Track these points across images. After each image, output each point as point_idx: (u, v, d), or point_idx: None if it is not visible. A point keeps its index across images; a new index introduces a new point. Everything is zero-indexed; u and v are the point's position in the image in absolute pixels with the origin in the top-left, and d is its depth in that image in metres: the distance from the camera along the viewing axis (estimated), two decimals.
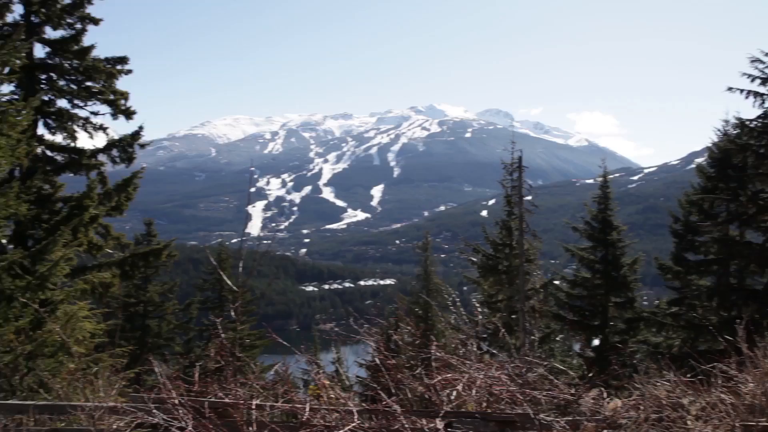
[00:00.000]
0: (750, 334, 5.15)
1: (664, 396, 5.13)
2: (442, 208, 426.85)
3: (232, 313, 7.84)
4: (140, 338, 28.11)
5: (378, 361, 6.31)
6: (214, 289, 33.05)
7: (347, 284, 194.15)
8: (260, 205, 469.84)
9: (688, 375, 5.70)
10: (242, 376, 6.19)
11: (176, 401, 5.30)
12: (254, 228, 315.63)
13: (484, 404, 5.40)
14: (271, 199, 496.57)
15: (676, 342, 22.50)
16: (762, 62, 21.11)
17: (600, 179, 25.10)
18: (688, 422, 4.77)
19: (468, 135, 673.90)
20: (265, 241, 9.09)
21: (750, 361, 4.97)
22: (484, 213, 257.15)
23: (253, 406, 5.27)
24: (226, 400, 5.52)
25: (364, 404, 5.71)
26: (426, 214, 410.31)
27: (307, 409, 5.19)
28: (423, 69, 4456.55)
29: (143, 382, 11.10)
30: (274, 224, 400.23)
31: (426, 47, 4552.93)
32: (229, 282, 8.10)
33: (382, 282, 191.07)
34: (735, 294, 21.41)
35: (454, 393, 5.41)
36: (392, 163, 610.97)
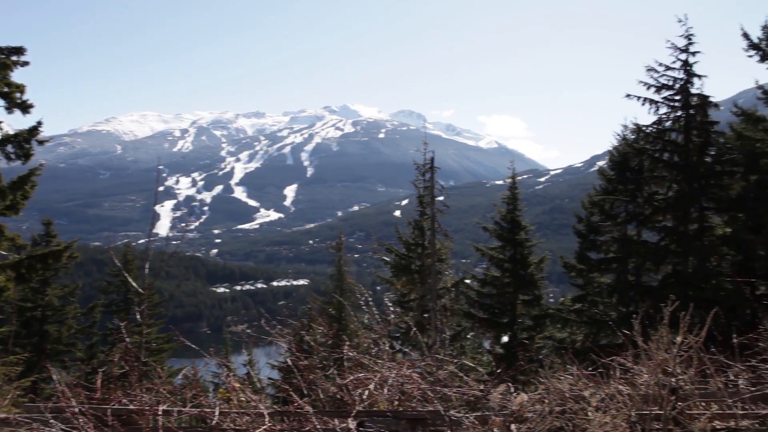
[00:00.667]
0: (645, 329, 5.43)
1: (567, 389, 5.34)
2: (356, 208, 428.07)
3: (138, 316, 7.57)
4: (37, 344, 26.63)
5: (290, 363, 6.25)
6: (120, 292, 31.77)
7: (260, 285, 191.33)
8: (169, 204, 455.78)
9: (590, 368, 5.96)
10: (148, 382, 5.97)
11: (76, 410, 5.05)
12: (162, 228, 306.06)
13: (396, 403, 5.44)
14: (181, 198, 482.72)
15: (579, 337, 23.50)
16: (656, 71, 22.39)
17: (509, 180, 25.84)
18: (589, 413, 4.98)
19: (381, 135, 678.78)
20: (173, 242, 8.80)
21: (645, 354, 5.24)
22: (397, 213, 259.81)
23: (160, 412, 5.09)
24: (131, 407, 5.31)
25: (275, 406, 5.64)
26: (339, 214, 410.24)
27: (217, 413, 5.07)
28: (337, 69, 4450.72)
29: (40, 391, 10.52)
30: (183, 224, 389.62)
31: (340, 47, 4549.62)
32: (134, 284, 7.82)
33: (295, 282, 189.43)
34: (633, 290, 22.56)
35: (366, 392, 5.43)
36: (306, 163, 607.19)
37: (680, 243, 22.14)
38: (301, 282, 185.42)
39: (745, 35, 22.28)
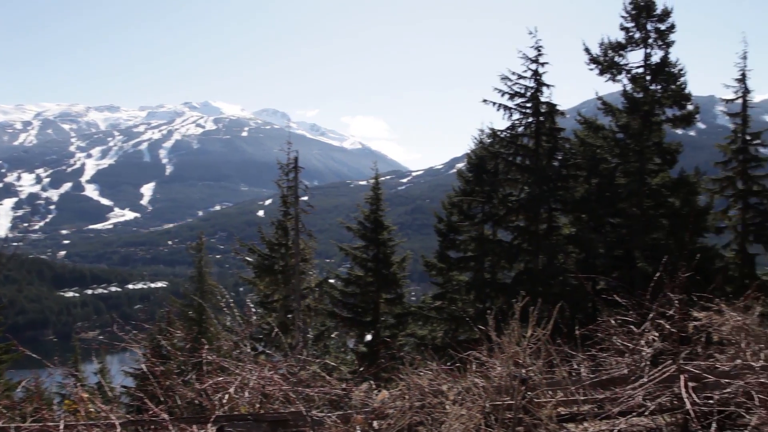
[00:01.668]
0: (499, 323, 5.70)
1: (427, 384, 5.49)
2: (218, 207, 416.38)
3: None
4: None
5: (146, 369, 5.96)
6: None
7: (114, 288, 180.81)
8: (9, 202, 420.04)
9: (448, 363, 6.17)
10: None
11: None
12: (1, 228, 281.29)
13: (258, 405, 5.35)
14: (23, 196, 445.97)
15: (440, 333, 24.31)
16: (510, 80, 23.70)
17: (372, 181, 26.23)
18: (447, 407, 5.15)
19: (245, 134, 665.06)
20: (14, 243, 8.10)
21: (498, 347, 5.50)
22: (261, 213, 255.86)
23: None
24: None
25: (129, 416, 5.35)
26: (200, 213, 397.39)
27: (62, 426, 4.73)
28: (198, 64, 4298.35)
29: None
30: (26, 224, 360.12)
31: (202, 42, 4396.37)
32: None
33: (152, 285, 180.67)
34: (488, 287, 23.71)
35: (227, 396, 5.29)
36: (164, 161, 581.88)
37: (531, 242, 23.57)
38: (159, 284, 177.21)
39: (587, 50, 24.14)
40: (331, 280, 26.72)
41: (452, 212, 24.73)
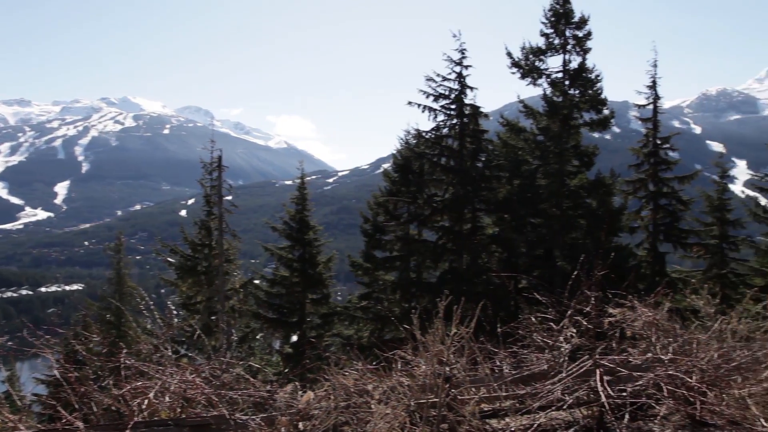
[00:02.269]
0: (424, 322, 5.76)
1: (352, 384, 5.50)
2: (138, 207, 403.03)
3: None
4: None
5: (59, 375, 5.70)
6: None
7: (24, 291, 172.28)
8: None
9: (374, 363, 6.20)
10: None
11: None
12: None
13: (179, 410, 5.21)
14: None
15: (366, 333, 24.38)
16: (435, 81, 24.03)
17: (298, 181, 26.07)
18: (372, 406, 5.18)
19: (166, 131, 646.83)
20: None
21: (423, 346, 5.57)
22: (183, 213, 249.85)
23: None
24: None
25: (40, 425, 5.11)
26: (119, 213, 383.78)
27: None
28: (116, 58, 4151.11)
29: None
30: None
31: (120, 35, 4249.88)
32: None
33: (67, 288, 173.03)
34: (414, 287, 23.93)
35: (146, 401, 5.13)
36: (80, 158, 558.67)
37: (456, 242, 23.95)
38: (75, 287, 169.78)
39: (509, 54, 24.74)
40: (256, 281, 26.40)
41: (378, 212, 24.84)
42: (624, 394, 5.40)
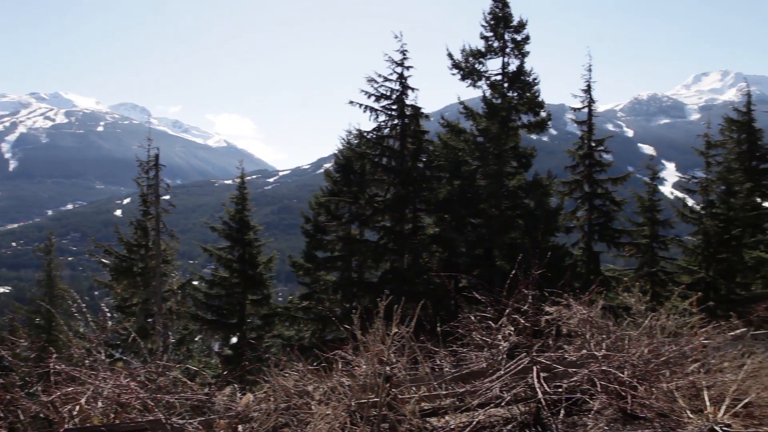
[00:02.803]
0: (364, 322, 5.76)
1: (292, 385, 5.46)
2: (70, 206, 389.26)
3: None
4: None
5: None
6: None
7: None
8: None
9: (315, 364, 6.17)
10: None
11: None
12: None
13: (113, 415, 5.06)
14: None
15: (307, 334, 24.25)
16: (376, 81, 24.08)
17: (238, 180, 25.74)
18: (312, 407, 5.15)
19: (100, 129, 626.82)
20: None
21: (363, 346, 5.57)
22: (119, 212, 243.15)
23: None
24: None
25: None
26: (50, 213, 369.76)
27: None
28: (47, 52, 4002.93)
29: None
30: None
31: (51, 27, 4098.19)
32: None
33: None
34: (355, 287, 23.94)
35: (77, 408, 4.96)
36: (7, 155, 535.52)
37: (397, 241, 24.06)
38: (1, 290, 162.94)
39: (450, 56, 25.04)
40: (195, 282, 25.97)
41: (319, 212, 24.76)
42: (560, 390, 5.53)
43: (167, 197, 24.20)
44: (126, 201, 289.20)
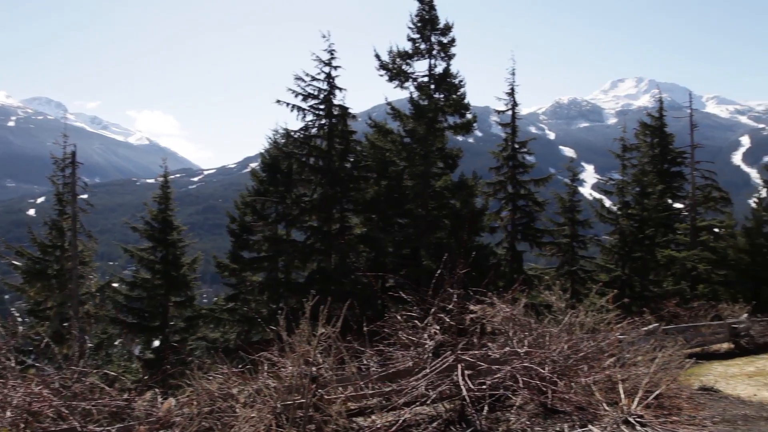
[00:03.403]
0: (290, 323, 5.71)
1: (216, 389, 5.35)
2: None
3: None
4: None
5: None
6: None
7: None
8: None
9: (240, 366, 6.06)
10: None
11: None
12: None
13: (23, 425, 4.81)
14: None
15: (232, 336, 23.85)
16: (304, 81, 23.90)
17: (161, 179, 25.06)
18: (237, 410, 5.06)
19: (11, 124, 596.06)
20: None
21: (289, 347, 5.51)
22: (32, 212, 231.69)
23: None
24: None
25: None
26: None
27: None
28: None
29: None
30: None
31: None
32: None
33: None
34: (282, 287, 23.71)
35: None
36: None
37: (324, 241, 23.97)
38: None
39: (377, 56, 25.14)
40: (115, 284, 25.14)
41: (246, 212, 24.40)
42: (483, 386, 5.64)
43: (85, 196, 23.34)
44: (40, 200, 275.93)
